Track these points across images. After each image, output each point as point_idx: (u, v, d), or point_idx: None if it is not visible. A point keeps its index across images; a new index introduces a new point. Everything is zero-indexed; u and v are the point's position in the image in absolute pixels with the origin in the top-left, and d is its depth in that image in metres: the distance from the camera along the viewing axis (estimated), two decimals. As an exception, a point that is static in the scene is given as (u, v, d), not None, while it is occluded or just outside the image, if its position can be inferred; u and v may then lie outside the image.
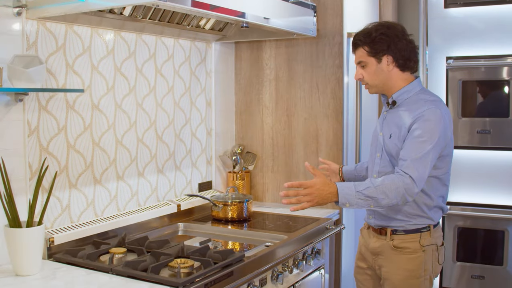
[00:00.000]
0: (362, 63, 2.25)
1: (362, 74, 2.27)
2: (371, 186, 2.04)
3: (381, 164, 2.27)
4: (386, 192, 2.03)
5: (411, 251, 2.21)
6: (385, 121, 2.29)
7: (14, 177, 2.05)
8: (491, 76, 3.33)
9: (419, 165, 2.06)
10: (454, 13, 3.41)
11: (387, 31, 2.19)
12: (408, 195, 2.04)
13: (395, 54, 2.20)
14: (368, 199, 2.03)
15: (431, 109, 2.12)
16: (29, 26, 2.11)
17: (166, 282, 1.84)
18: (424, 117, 2.11)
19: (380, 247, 2.28)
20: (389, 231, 2.25)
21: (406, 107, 2.20)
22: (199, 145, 3.11)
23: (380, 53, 2.20)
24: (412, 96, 2.22)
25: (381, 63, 2.21)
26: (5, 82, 1.99)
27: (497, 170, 3.34)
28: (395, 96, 2.25)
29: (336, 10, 3.01)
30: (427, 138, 2.08)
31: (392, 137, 2.21)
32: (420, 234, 2.22)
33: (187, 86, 2.99)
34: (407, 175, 2.04)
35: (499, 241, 3.33)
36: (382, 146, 2.27)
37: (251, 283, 2.12)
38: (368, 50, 2.21)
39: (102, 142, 2.46)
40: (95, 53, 2.41)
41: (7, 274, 1.94)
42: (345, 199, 2.04)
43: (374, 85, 2.26)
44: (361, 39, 2.24)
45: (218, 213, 2.87)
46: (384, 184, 2.04)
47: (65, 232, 2.21)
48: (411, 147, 2.09)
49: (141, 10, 2.40)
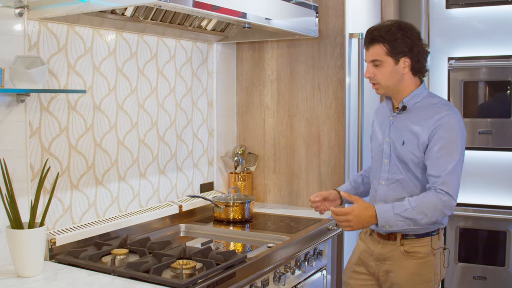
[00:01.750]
0: (377, 61, 2.12)
1: (374, 72, 2.14)
2: (409, 208, 2.03)
3: (390, 170, 2.20)
4: (425, 211, 2.02)
5: (422, 255, 2.16)
6: (393, 127, 2.21)
7: (16, 178, 2.05)
8: (493, 76, 3.33)
9: (452, 178, 2.03)
10: (455, 14, 3.41)
11: (408, 33, 2.09)
12: (446, 209, 2.03)
13: (414, 57, 2.11)
14: (407, 220, 2.03)
15: (449, 115, 2.07)
16: (30, 27, 2.11)
17: (168, 283, 1.83)
18: (445, 126, 2.05)
19: (389, 253, 2.21)
20: (399, 236, 2.18)
21: (418, 112, 2.14)
22: (201, 146, 3.10)
23: (400, 54, 2.09)
24: (421, 100, 2.16)
25: (398, 64, 2.11)
26: (7, 82, 1.98)
27: (498, 170, 3.34)
28: (405, 101, 2.17)
29: (338, 10, 3.00)
30: (454, 148, 2.05)
31: (406, 144, 2.14)
32: (431, 238, 2.17)
33: (188, 87, 2.98)
34: (443, 191, 2.02)
35: (501, 242, 3.33)
36: (391, 152, 2.20)
37: (253, 284, 2.11)
38: (388, 48, 2.09)
39: (103, 143, 2.46)
40: (97, 54, 2.41)
41: (9, 275, 1.93)
42: (385, 222, 2.05)
43: (386, 86, 2.15)
44: (382, 35, 2.08)
45: (220, 214, 2.87)
46: (422, 204, 2.02)
47: (67, 233, 2.21)
48: (441, 161, 2.04)
49: (143, 11, 2.40)
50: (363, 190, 2.48)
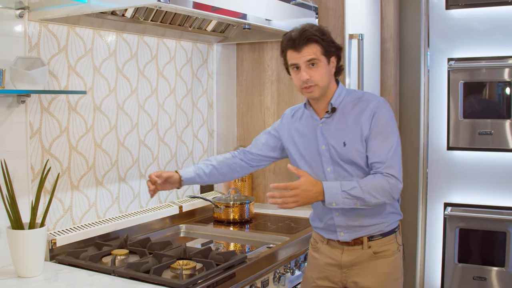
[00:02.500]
0: (314, 60, 2.01)
1: (310, 74, 2.02)
2: (357, 187, 1.97)
3: (338, 177, 2.09)
4: (372, 192, 1.97)
5: (390, 253, 2.12)
6: (326, 132, 2.11)
7: (16, 179, 2.05)
8: (493, 77, 3.33)
9: (395, 161, 2.01)
10: (455, 15, 3.41)
11: (329, 33, 2.07)
12: (394, 193, 1.99)
13: (339, 57, 2.10)
14: (354, 198, 1.96)
15: (379, 102, 2.05)
16: (31, 28, 2.12)
17: (168, 283, 1.84)
18: (378, 113, 2.03)
19: (357, 258, 2.11)
20: (365, 239, 2.10)
21: (348, 110, 2.08)
22: (201, 146, 3.11)
23: (331, 53, 2.05)
24: (345, 98, 2.11)
25: (329, 64, 2.06)
26: (8, 83, 1.99)
27: (498, 171, 3.34)
28: (334, 103, 2.09)
29: (337, 11, 3.01)
30: (390, 132, 2.03)
31: (348, 144, 2.06)
32: (395, 234, 2.15)
33: (188, 88, 2.99)
34: (389, 175, 1.99)
35: (501, 243, 3.33)
36: (332, 158, 2.10)
37: (253, 284, 2.12)
38: (323, 47, 2.02)
39: (104, 144, 2.46)
40: (97, 55, 2.41)
41: (10, 275, 1.94)
42: (332, 198, 1.96)
43: (322, 87, 2.05)
44: (316, 35, 2.01)
45: (220, 214, 2.87)
46: (370, 184, 1.98)
47: (67, 234, 2.21)
48: (382, 147, 2.02)
49: (143, 12, 2.40)
50: (205, 182, 2.34)
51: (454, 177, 3.46)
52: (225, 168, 2.33)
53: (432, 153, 3.50)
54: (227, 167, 2.33)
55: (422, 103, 3.50)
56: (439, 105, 3.47)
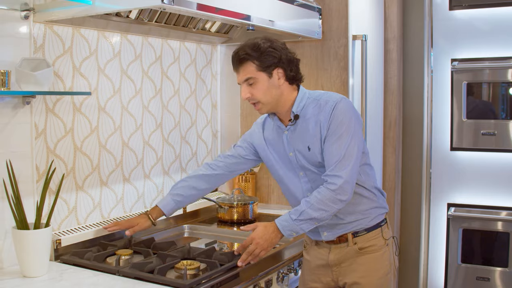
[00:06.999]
0: (251, 80, 2.04)
1: (251, 92, 2.05)
2: (305, 210, 1.98)
3: (311, 180, 2.12)
4: (322, 207, 1.97)
5: (377, 248, 2.13)
6: (292, 139, 2.13)
7: (22, 179, 2.06)
8: (496, 78, 3.33)
9: (346, 161, 1.98)
10: (459, 15, 3.41)
11: (274, 44, 2.05)
12: (341, 195, 1.97)
13: (286, 67, 2.06)
14: (309, 220, 1.99)
15: (336, 101, 2.04)
16: (36, 30, 2.13)
17: (172, 283, 1.85)
18: (335, 113, 2.02)
19: (343, 256, 2.14)
20: (349, 236, 2.12)
21: (308, 114, 2.09)
22: (205, 147, 3.12)
23: (272, 67, 2.03)
24: (307, 102, 2.11)
25: (272, 77, 2.04)
26: (13, 85, 2.00)
27: (502, 172, 3.34)
28: (295, 110, 2.09)
29: (341, 12, 3.01)
30: (344, 130, 2.01)
31: (312, 148, 2.07)
32: (381, 228, 2.15)
33: (192, 89, 3.00)
34: (331, 182, 1.97)
35: (504, 243, 3.33)
36: (300, 163, 2.12)
37: (256, 284, 2.13)
38: (258, 64, 2.02)
39: (108, 144, 2.48)
40: (102, 56, 2.43)
41: (15, 275, 1.95)
42: (289, 230, 2.00)
43: (267, 102, 2.06)
44: (248, 53, 2.02)
45: (223, 215, 2.88)
46: (317, 200, 1.98)
47: (72, 234, 2.23)
48: (332, 148, 2.01)
49: (147, 14, 2.41)
50: (186, 202, 2.38)
51: (457, 177, 3.46)
52: (204, 184, 2.37)
53: (436, 153, 3.50)
54: (207, 184, 2.37)
55: (426, 103, 3.50)
56: (442, 105, 3.47)
